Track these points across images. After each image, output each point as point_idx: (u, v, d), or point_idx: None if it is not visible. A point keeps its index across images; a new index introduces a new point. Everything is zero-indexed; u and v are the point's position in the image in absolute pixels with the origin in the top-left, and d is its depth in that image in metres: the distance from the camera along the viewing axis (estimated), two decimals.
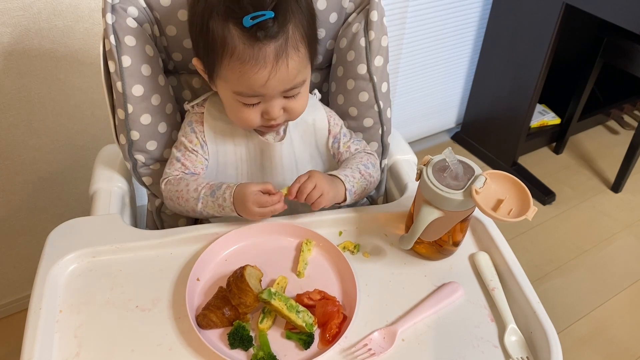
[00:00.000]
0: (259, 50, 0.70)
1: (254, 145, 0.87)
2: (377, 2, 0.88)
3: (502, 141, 2.10)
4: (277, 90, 0.75)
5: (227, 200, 0.79)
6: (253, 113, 0.78)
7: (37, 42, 1.10)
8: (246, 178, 0.89)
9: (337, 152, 0.93)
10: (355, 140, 0.94)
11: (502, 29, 1.90)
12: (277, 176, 0.89)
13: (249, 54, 0.70)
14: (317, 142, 0.92)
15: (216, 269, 0.78)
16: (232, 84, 0.75)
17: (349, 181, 0.84)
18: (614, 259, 1.78)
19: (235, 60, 0.71)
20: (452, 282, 0.77)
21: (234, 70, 0.72)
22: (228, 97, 0.78)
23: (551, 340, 0.67)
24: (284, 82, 0.74)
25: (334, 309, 0.70)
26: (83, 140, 1.30)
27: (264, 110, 0.78)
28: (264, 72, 0.71)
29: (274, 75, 0.72)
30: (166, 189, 0.86)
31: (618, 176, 2.03)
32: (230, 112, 0.81)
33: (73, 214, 1.35)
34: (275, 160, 0.88)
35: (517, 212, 0.67)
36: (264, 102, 0.77)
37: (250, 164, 0.88)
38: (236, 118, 0.81)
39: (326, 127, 0.91)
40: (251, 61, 0.71)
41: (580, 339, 1.51)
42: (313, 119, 0.90)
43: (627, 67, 1.86)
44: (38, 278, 0.72)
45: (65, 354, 0.66)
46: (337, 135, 0.92)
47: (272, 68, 0.71)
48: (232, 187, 0.80)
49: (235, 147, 0.87)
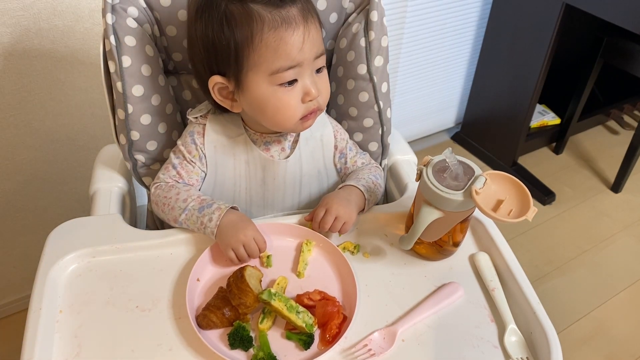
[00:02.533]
0: (287, 13, 0.71)
1: (255, 162, 0.86)
2: (377, 2, 0.88)
3: (502, 141, 2.10)
4: (312, 53, 0.74)
5: (214, 221, 0.77)
6: (293, 98, 0.76)
7: (37, 42, 1.10)
8: (244, 194, 0.88)
9: (345, 167, 0.93)
10: (360, 154, 0.95)
11: (502, 29, 1.90)
12: (278, 191, 0.89)
13: (279, 18, 0.71)
14: (324, 158, 0.91)
15: (216, 269, 0.78)
16: (268, 63, 0.73)
17: (367, 191, 0.85)
18: (614, 259, 1.78)
19: (267, 31, 0.71)
20: (452, 283, 0.77)
21: (269, 42, 0.71)
22: (263, 90, 0.75)
23: (551, 340, 0.67)
24: (316, 43, 0.75)
25: (334, 309, 0.70)
26: (83, 140, 1.30)
27: (303, 90, 0.76)
28: (299, 32, 0.72)
29: (308, 35, 0.73)
30: (155, 194, 0.85)
31: (618, 176, 2.03)
32: (270, 110, 0.77)
33: (73, 214, 1.35)
34: (278, 176, 0.87)
35: (517, 212, 0.67)
36: (300, 78, 0.75)
37: (249, 180, 0.87)
38: (278, 113, 0.77)
39: (332, 143, 0.91)
40: (284, 24, 0.71)
41: (580, 339, 1.51)
42: (321, 135, 0.90)
43: (627, 67, 1.86)
44: (38, 278, 0.72)
45: (65, 354, 0.66)
46: (343, 150, 0.92)
47: (304, 27, 0.72)
48: (223, 209, 0.78)
49: (235, 163, 0.86)
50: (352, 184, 0.85)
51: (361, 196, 0.84)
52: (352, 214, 0.81)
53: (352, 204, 0.82)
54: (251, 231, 0.77)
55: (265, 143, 0.86)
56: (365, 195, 0.84)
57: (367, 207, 0.85)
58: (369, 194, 0.85)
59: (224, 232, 0.77)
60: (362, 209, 0.84)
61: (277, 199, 0.89)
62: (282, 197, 0.89)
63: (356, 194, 0.84)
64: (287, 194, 0.89)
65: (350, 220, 0.80)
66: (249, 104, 0.78)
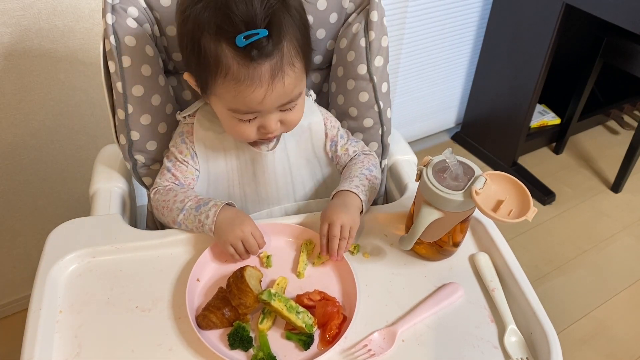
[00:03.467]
0: (254, 70, 0.68)
1: (245, 155, 0.86)
2: (377, 3, 0.88)
3: (502, 141, 2.10)
4: (273, 106, 0.74)
5: (210, 218, 0.77)
6: (249, 128, 0.77)
7: (37, 42, 1.10)
8: (238, 188, 0.88)
9: (336, 155, 0.92)
10: (352, 142, 0.94)
11: (502, 29, 1.90)
12: (270, 184, 0.88)
13: (244, 73, 0.69)
14: (314, 147, 0.91)
15: (216, 270, 0.78)
16: (227, 102, 0.74)
17: (362, 191, 0.83)
18: (614, 259, 1.78)
19: (230, 80, 0.70)
20: (452, 283, 0.77)
21: (229, 89, 0.71)
22: (223, 112, 0.77)
23: (551, 340, 0.67)
24: (280, 98, 0.73)
25: (333, 309, 0.70)
26: (83, 140, 1.30)
27: (261, 124, 0.76)
28: (260, 90, 0.70)
29: (270, 93, 0.71)
30: (154, 198, 0.85)
31: (618, 176, 2.03)
32: (226, 127, 0.80)
33: (73, 214, 1.35)
34: (268, 169, 0.87)
35: (517, 212, 0.67)
36: (261, 117, 0.75)
37: (242, 174, 0.87)
38: (232, 132, 0.79)
39: (322, 131, 0.90)
40: (247, 81, 0.69)
41: (580, 339, 1.51)
42: (309, 123, 0.89)
43: (627, 67, 1.86)
44: (38, 278, 0.72)
45: (65, 354, 0.66)
46: (334, 138, 0.92)
47: (269, 86, 0.70)
48: (219, 205, 0.78)
49: (226, 158, 0.86)
50: (345, 189, 0.83)
51: (356, 198, 0.82)
52: (355, 218, 0.80)
53: (352, 208, 0.80)
54: (248, 226, 0.77)
55: None
56: (361, 197, 0.82)
57: (365, 208, 0.84)
58: (365, 194, 0.84)
59: (221, 228, 0.77)
60: (361, 210, 0.83)
61: (271, 192, 0.89)
62: (275, 189, 0.89)
63: (352, 198, 0.82)
64: (279, 185, 0.89)
65: (355, 224, 0.79)
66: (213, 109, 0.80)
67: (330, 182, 0.94)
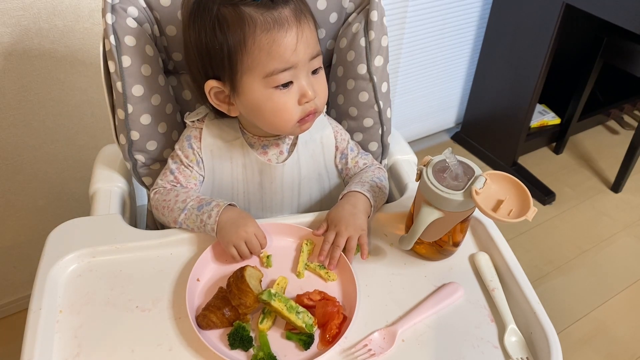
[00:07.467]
0: (279, 14, 0.71)
1: (252, 165, 0.85)
2: (377, 2, 0.88)
3: (502, 141, 2.10)
4: (307, 54, 0.74)
5: (213, 217, 0.77)
6: (290, 100, 0.75)
7: (37, 42, 1.10)
8: (242, 197, 0.88)
9: (345, 168, 0.92)
10: (362, 155, 0.94)
11: (502, 29, 1.90)
12: (276, 194, 0.88)
13: (271, 20, 0.70)
14: (325, 160, 0.91)
15: (216, 270, 0.78)
16: (261, 66, 0.72)
17: (372, 197, 0.83)
18: (614, 259, 1.78)
19: (260, 33, 0.70)
20: (452, 283, 0.77)
21: (262, 45, 0.71)
22: (258, 93, 0.74)
23: (551, 340, 0.67)
24: (311, 44, 0.74)
25: (334, 309, 0.70)
26: (83, 140, 1.30)
27: (300, 92, 0.75)
28: (292, 33, 0.71)
29: (301, 36, 0.72)
30: (154, 198, 0.85)
31: (618, 176, 2.03)
32: (267, 113, 0.76)
33: (73, 214, 1.35)
34: (276, 180, 0.87)
35: (517, 212, 0.67)
36: (296, 80, 0.75)
37: (247, 184, 0.87)
38: (274, 116, 0.76)
39: (333, 144, 0.90)
40: (276, 26, 0.70)
41: (580, 339, 1.51)
42: (321, 136, 0.89)
43: (627, 67, 1.86)
44: (38, 278, 0.72)
45: (65, 354, 0.66)
46: (344, 151, 0.92)
47: (298, 28, 0.72)
48: (222, 205, 0.78)
49: (232, 166, 0.86)
50: (357, 190, 0.83)
51: (367, 202, 0.82)
52: (363, 225, 0.79)
53: (360, 214, 0.80)
54: (252, 227, 0.77)
55: (263, 146, 0.86)
56: (371, 201, 0.82)
57: (372, 214, 0.84)
58: (375, 199, 0.84)
59: (224, 228, 0.77)
60: (369, 214, 0.83)
61: (276, 202, 0.89)
62: (280, 200, 0.89)
63: (362, 202, 0.82)
64: (285, 197, 0.89)
65: (364, 232, 0.79)
66: (245, 108, 0.78)
67: (336, 195, 0.92)
